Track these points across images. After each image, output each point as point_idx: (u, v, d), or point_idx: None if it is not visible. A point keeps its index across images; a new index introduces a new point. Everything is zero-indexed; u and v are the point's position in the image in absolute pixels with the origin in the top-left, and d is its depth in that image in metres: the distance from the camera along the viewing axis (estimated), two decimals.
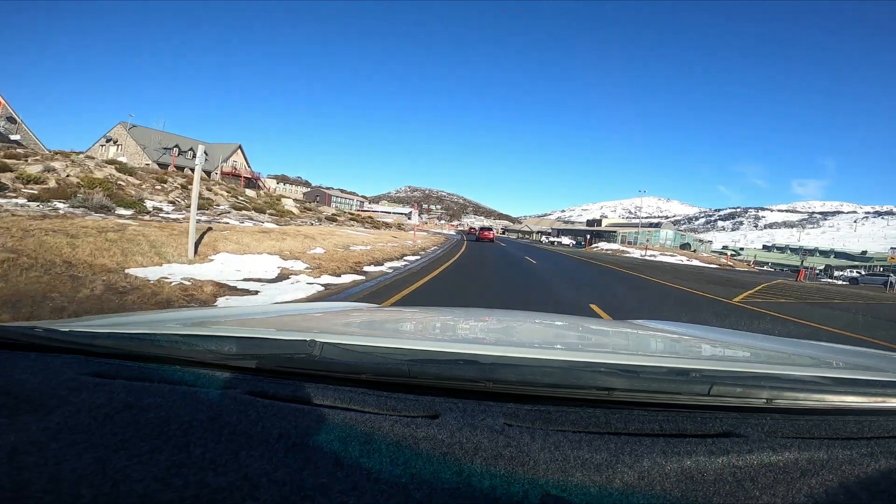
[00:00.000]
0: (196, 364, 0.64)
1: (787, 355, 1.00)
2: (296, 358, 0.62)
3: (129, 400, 0.51)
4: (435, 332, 1.17)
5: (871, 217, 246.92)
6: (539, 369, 0.61)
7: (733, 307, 7.76)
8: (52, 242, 4.81)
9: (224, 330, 0.78)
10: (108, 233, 5.81)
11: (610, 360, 0.67)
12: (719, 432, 0.53)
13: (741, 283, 14.93)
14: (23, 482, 0.38)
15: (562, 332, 1.27)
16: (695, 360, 0.84)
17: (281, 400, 0.55)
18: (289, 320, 1.10)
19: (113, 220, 7.34)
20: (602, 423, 0.54)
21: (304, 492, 0.39)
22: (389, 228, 30.53)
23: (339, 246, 9.90)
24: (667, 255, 35.72)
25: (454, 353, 0.66)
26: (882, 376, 0.69)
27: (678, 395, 0.59)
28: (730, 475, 0.44)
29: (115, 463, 0.41)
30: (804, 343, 1.15)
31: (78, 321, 0.84)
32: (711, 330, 1.41)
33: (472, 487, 0.41)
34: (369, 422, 0.50)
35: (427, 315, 1.46)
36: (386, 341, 0.73)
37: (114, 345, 0.67)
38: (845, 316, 8.09)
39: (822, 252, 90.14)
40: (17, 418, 0.47)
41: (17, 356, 0.63)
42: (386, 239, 15.13)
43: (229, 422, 0.48)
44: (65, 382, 0.55)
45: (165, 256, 5.68)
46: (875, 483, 0.45)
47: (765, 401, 0.59)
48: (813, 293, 13.46)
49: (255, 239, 8.10)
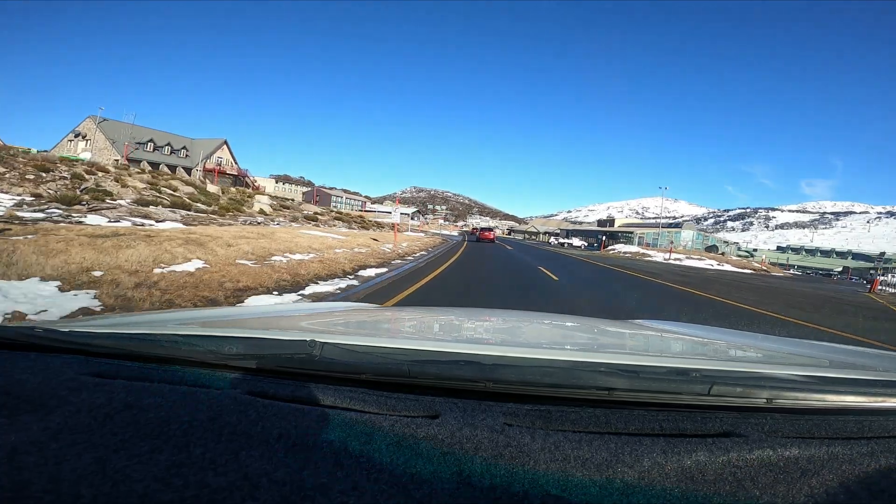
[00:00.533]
0: (196, 364, 0.64)
1: (787, 355, 1.01)
2: (296, 358, 0.62)
3: (129, 400, 0.52)
4: (435, 332, 1.17)
5: (885, 217, 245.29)
6: (539, 369, 0.61)
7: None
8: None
9: (224, 330, 0.79)
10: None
11: (610, 359, 0.67)
12: (719, 432, 0.53)
13: (822, 298, 10.99)
14: (23, 482, 0.38)
15: (562, 331, 1.28)
16: (695, 359, 0.84)
17: (281, 400, 0.55)
18: (289, 320, 1.11)
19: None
20: (602, 423, 0.54)
21: (304, 492, 0.39)
22: (381, 229, 28.44)
23: (253, 257, 6.89)
24: (693, 258, 31.49)
25: (454, 353, 0.66)
26: (882, 376, 0.70)
27: (678, 395, 0.59)
28: (730, 475, 0.44)
29: (116, 463, 0.41)
30: (804, 343, 1.16)
31: (78, 321, 0.90)
32: (712, 330, 1.41)
33: (472, 487, 0.41)
34: (369, 422, 0.50)
35: (427, 315, 1.45)
36: (386, 341, 0.74)
37: (114, 345, 0.67)
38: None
39: (839, 253, 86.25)
40: (17, 418, 0.47)
41: (17, 356, 0.63)
42: (356, 243, 12.05)
43: (229, 422, 0.48)
44: (65, 382, 0.55)
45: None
46: (876, 483, 0.45)
47: (765, 400, 0.59)
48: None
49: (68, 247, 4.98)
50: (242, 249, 7.21)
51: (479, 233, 33.53)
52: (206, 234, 8.20)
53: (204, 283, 4.81)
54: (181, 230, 8.87)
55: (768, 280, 18.46)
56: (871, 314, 8.60)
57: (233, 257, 6.53)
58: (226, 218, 15.43)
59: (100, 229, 7.32)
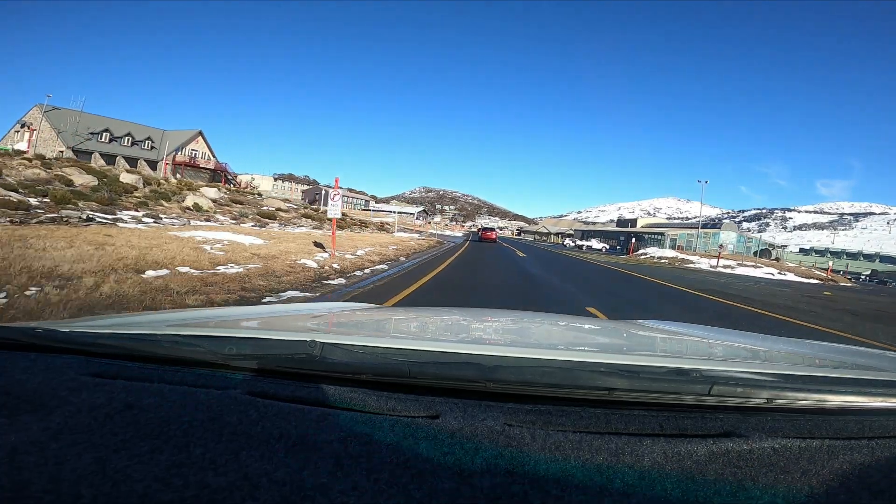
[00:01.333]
0: (196, 364, 0.64)
1: (787, 355, 1.00)
2: (296, 358, 0.62)
3: (130, 400, 0.52)
4: (435, 333, 1.17)
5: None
6: (539, 369, 0.61)
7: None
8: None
9: (224, 330, 0.78)
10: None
11: (610, 360, 0.67)
12: (720, 432, 0.53)
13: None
14: (23, 482, 0.38)
15: (562, 332, 1.28)
16: (695, 359, 0.84)
17: (281, 400, 0.55)
18: (289, 320, 1.11)
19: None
20: (602, 424, 0.53)
21: (304, 492, 0.39)
22: (363, 230, 25.42)
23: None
24: (746, 265, 25.65)
25: (454, 354, 0.66)
26: (883, 376, 0.70)
27: (679, 395, 0.59)
28: (731, 475, 0.44)
29: (116, 463, 0.41)
30: (805, 343, 1.15)
31: (78, 321, 0.88)
32: (712, 330, 1.39)
33: (472, 487, 0.41)
34: (369, 422, 0.50)
35: (427, 315, 1.45)
36: (386, 341, 0.74)
37: (114, 345, 0.67)
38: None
39: (866, 256, 79.71)
40: (17, 418, 0.47)
41: (17, 356, 0.63)
42: (265, 253, 8.13)
43: (229, 422, 0.48)
44: (65, 382, 0.55)
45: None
46: (876, 483, 0.45)
47: (765, 401, 0.59)
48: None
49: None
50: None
51: (481, 233, 34.02)
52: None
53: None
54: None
55: (872, 296, 14.47)
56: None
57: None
58: (124, 213, 12.32)
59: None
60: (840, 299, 11.93)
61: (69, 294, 3.83)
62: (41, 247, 5.82)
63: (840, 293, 14.89)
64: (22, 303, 3.45)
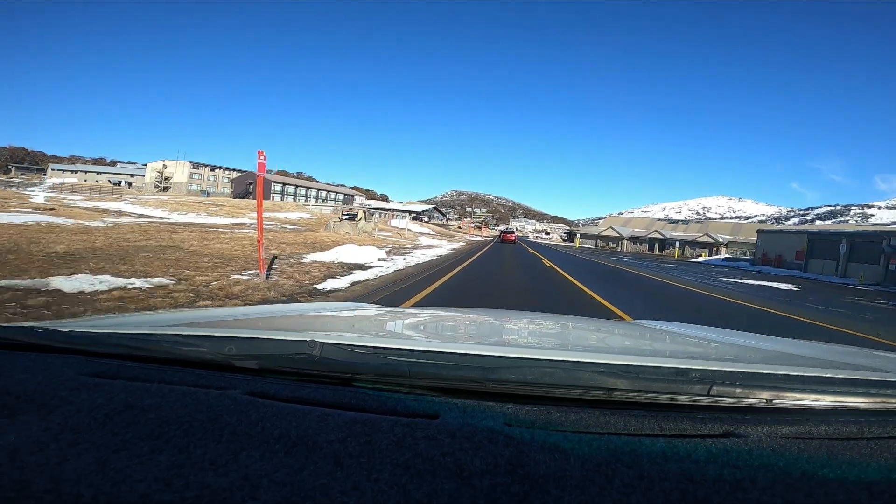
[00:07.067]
0: (196, 364, 0.64)
1: (786, 355, 1.01)
2: (296, 358, 0.62)
3: (130, 400, 0.52)
4: (435, 333, 1.17)
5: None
6: (539, 369, 0.61)
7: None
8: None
9: (224, 330, 0.78)
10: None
11: (610, 360, 0.67)
12: (719, 433, 0.53)
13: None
14: (24, 482, 0.38)
15: (562, 332, 1.27)
16: (695, 360, 0.84)
17: (281, 400, 0.55)
18: (289, 320, 1.12)
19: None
20: (602, 424, 0.54)
21: (304, 492, 0.39)
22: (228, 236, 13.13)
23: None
24: None
25: (454, 354, 0.66)
26: (882, 376, 0.70)
27: (678, 396, 0.59)
28: (730, 475, 0.44)
29: (116, 463, 0.41)
30: (804, 343, 1.16)
31: (78, 321, 0.88)
32: (711, 330, 1.39)
33: (472, 487, 0.41)
34: (369, 422, 0.50)
35: (427, 315, 1.46)
36: (386, 341, 0.75)
37: (114, 345, 0.68)
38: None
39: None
40: (17, 418, 0.47)
41: (17, 356, 0.63)
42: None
43: (230, 422, 0.49)
44: (65, 383, 0.55)
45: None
46: (875, 483, 0.45)
47: (765, 401, 0.59)
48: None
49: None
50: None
51: (502, 235, 36.96)
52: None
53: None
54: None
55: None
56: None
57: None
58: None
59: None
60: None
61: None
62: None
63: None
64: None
